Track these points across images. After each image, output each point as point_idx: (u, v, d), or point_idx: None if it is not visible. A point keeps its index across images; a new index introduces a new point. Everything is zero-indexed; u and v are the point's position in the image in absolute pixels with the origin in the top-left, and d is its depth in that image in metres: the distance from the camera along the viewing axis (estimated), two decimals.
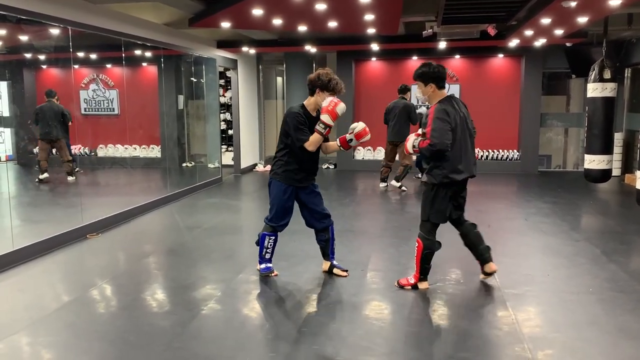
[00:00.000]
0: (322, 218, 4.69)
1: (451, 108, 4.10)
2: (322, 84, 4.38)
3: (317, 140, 4.35)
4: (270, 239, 4.63)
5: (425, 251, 4.28)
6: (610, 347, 3.38)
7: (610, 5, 5.95)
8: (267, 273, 4.74)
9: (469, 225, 4.42)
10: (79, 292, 4.47)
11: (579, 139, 11.65)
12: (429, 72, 4.15)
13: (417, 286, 4.39)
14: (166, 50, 8.76)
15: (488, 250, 4.44)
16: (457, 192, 4.25)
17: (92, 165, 10.87)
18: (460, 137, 4.10)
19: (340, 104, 4.26)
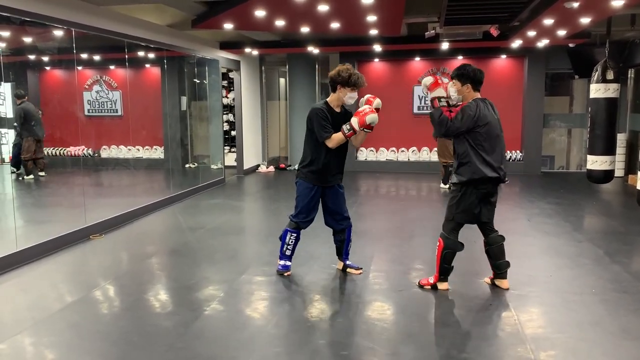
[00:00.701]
0: (342, 220, 4.74)
1: (483, 106, 4.18)
2: (343, 80, 4.43)
3: (339, 139, 4.42)
4: (292, 235, 4.70)
5: (445, 250, 4.27)
6: (614, 347, 3.38)
7: (613, 5, 5.94)
8: (283, 271, 4.79)
9: (497, 237, 4.36)
10: (82, 292, 4.49)
11: (582, 139, 11.62)
12: (468, 73, 4.23)
13: (436, 286, 4.39)
14: (169, 51, 8.78)
15: (507, 266, 4.39)
16: (486, 195, 4.22)
17: (96, 167, 10.89)
18: (492, 137, 4.13)
19: (371, 114, 4.32)
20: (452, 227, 4.28)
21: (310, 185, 4.59)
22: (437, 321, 3.91)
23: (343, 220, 4.75)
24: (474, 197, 4.18)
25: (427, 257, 5.34)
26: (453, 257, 4.31)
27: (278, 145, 13.45)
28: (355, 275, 4.80)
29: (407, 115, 11.63)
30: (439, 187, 9.62)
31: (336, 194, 4.68)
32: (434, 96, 4.30)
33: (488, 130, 4.12)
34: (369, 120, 4.31)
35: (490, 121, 4.13)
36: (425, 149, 11.82)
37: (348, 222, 4.78)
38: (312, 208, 4.66)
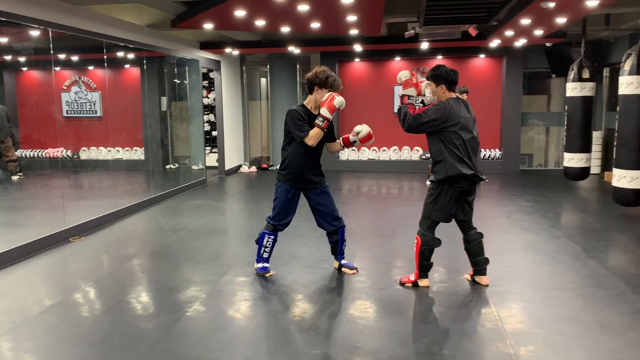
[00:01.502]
0: (332, 220, 4.73)
1: (455, 105, 4.21)
2: (320, 82, 4.47)
3: (316, 134, 4.41)
4: (269, 237, 4.71)
5: (423, 247, 4.32)
6: (591, 341, 3.44)
7: (588, 5, 6.05)
8: (262, 273, 4.78)
9: (475, 234, 4.41)
10: (61, 295, 4.44)
11: (560, 137, 11.80)
12: (441, 73, 4.29)
13: (417, 284, 4.43)
14: (149, 51, 8.72)
15: (486, 263, 4.44)
16: (463, 193, 4.26)
17: (75, 168, 10.77)
18: (465, 137, 4.17)
19: (337, 97, 4.37)
20: (429, 224, 4.33)
21: (288, 188, 4.61)
22: (418, 318, 3.95)
23: (334, 220, 4.74)
24: (450, 196, 4.22)
25: (409, 255, 5.38)
26: (431, 254, 4.36)
27: (260, 146, 13.43)
28: (348, 274, 4.81)
29: (387, 115, 11.70)
30: (426, 183, 9.72)
31: (322, 195, 4.68)
32: (404, 94, 4.37)
33: (461, 129, 4.16)
34: (337, 103, 4.35)
35: (462, 121, 4.17)
36: (406, 148, 11.90)
37: (340, 223, 4.78)
38: (290, 211, 4.67)
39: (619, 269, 4.93)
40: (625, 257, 5.56)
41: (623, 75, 5.89)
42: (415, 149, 11.84)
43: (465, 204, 4.34)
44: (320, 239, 5.92)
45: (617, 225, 6.64)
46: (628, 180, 6.06)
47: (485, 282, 4.44)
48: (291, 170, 4.58)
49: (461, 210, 4.34)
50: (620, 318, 3.78)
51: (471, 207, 4.39)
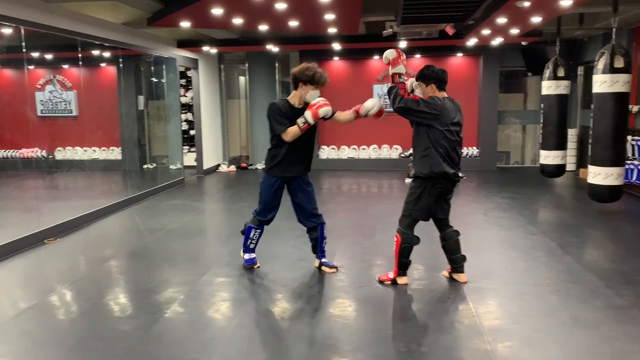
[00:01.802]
0: (311, 217, 4.76)
1: (450, 105, 4.22)
2: (307, 78, 4.52)
3: (294, 132, 4.46)
4: (256, 231, 4.81)
5: (403, 245, 4.34)
6: (566, 336, 3.50)
7: (562, 5, 6.14)
8: (250, 265, 4.86)
9: (452, 232, 4.46)
10: (37, 298, 4.36)
11: (536, 135, 11.97)
12: (429, 73, 4.28)
13: (396, 281, 4.45)
14: (125, 50, 8.61)
15: (463, 260, 4.49)
16: (443, 193, 4.29)
17: (50, 169, 10.60)
18: (452, 137, 4.17)
19: (325, 107, 4.42)
20: (409, 222, 4.36)
21: (272, 179, 4.65)
22: (396, 316, 3.97)
23: (312, 217, 4.76)
24: (430, 194, 4.24)
25: (388, 253, 5.40)
26: (410, 252, 4.38)
27: (239, 145, 13.35)
28: (328, 273, 4.82)
29: None
30: (405, 181, 9.80)
31: (302, 190, 4.72)
32: (395, 72, 4.37)
33: (449, 130, 4.15)
34: (322, 113, 4.41)
35: (453, 122, 4.17)
36: (386, 147, 11.95)
37: (319, 220, 4.80)
38: (275, 205, 4.74)
39: (593, 265, 5.02)
40: (600, 252, 5.66)
41: (597, 74, 6.00)
42: (395, 147, 11.89)
43: (444, 202, 4.37)
44: (299, 238, 5.91)
45: (592, 221, 6.76)
46: (603, 177, 6.17)
47: (463, 279, 4.49)
48: (275, 162, 4.63)
49: (440, 209, 4.37)
50: (594, 313, 3.85)
51: (449, 205, 4.43)
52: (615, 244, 5.80)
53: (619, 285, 4.39)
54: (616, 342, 3.40)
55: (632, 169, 8.04)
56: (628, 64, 5.88)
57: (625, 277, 4.58)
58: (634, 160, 8.05)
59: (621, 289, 4.29)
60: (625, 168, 7.02)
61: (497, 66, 11.33)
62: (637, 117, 8.33)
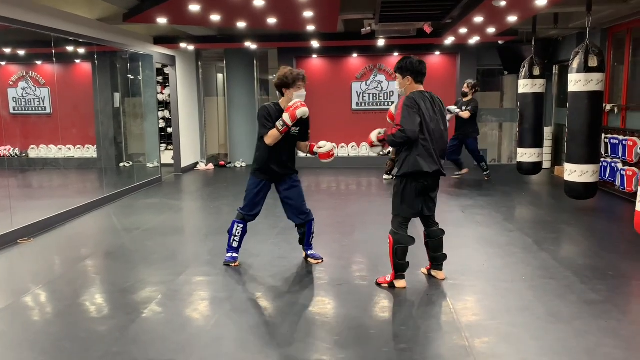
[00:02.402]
0: (299, 214, 4.87)
1: (422, 100, 4.12)
2: (284, 84, 4.68)
3: (273, 134, 4.57)
4: (238, 226, 4.91)
5: (395, 246, 4.23)
6: (542, 331, 3.55)
7: (537, 5, 6.22)
8: (229, 262, 4.93)
9: (437, 230, 4.43)
10: (10, 299, 4.26)
11: (512, 133, 12.12)
12: (406, 65, 4.21)
13: (393, 284, 4.33)
14: (100, 46, 8.47)
15: (444, 259, 4.50)
16: (427, 188, 4.24)
17: (23, 167, 10.38)
18: (430, 130, 4.10)
19: (302, 108, 4.50)
20: (400, 222, 4.28)
21: (257, 181, 4.82)
22: (375, 313, 3.98)
23: (301, 214, 4.87)
24: (413, 190, 4.19)
25: (367, 251, 5.42)
26: (405, 253, 4.28)
27: (217, 142, 13.26)
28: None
29: (346, 112, 11.74)
30: (383, 178, 9.84)
31: (291, 189, 4.84)
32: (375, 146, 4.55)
33: (424, 123, 4.08)
34: (299, 113, 4.50)
35: (426, 116, 4.09)
36: (365, 145, 11.97)
37: (307, 217, 4.91)
38: (258, 203, 4.87)
39: (568, 261, 5.10)
40: (575, 248, 5.76)
41: (571, 73, 6.10)
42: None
43: (429, 199, 4.32)
44: (278, 236, 5.90)
45: (567, 218, 6.87)
46: (578, 175, 6.29)
47: (441, 276, 4.51)
48: (261, 164, 4.77)
49: (425, 206, 4.32)
50: (569, 308, 3.91)
51: (434, 202, 4.39)
52: (589, 240, 5.90)
53: (594, 280, 4.46)
54: (591, 336, 3.46)
55: (605, 167, 8.19)
56: (602, 63, 6.00)
57: (599, 273, 4.66)
58: (608, 157, 8.20)
59: (595, 284, 4.36)
60: (600, 165, 7.15)
61: (474, 65, 11.43)
62: (611, 115, 8.49)
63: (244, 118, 12.44)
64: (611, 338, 3.43)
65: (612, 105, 8.39)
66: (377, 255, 5.15)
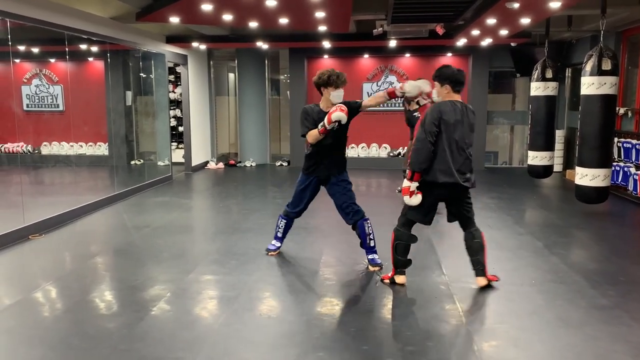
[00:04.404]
0: (347, 214, 4.88)
1: (449, 110, 4.05)
2: (323, 82, 4.75)
3: (313, 135, 4.70)
4: (282, 220, 5.18)
5: (396, 242, 4.29)
6: (551, 336, 3.52)
7: (551, 7, 6.18)
8: (267, 251, 5.23)
9: (469, 233, 4.33)
10: (20, 294, 4.30)
11: (524, 136, 12.04)
12: (446, 73, 4.15)
13: (393, 280, 4.39)
14: (113, 44, 8.52)
15: (477, 264, 4.34)
16: (444, 199, 4.20)
17: (35, 164, 10.47)
18: (452, 141, 4.05)
19: (337, 112, 4.53)
20: (404, 221, 4.31)
21: (304, 178, 4.97)
22: (383, 315, 3.97)
23: (349, 214, 4.85)
24: (428, 200, 4.14)
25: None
26: (406, 250, 4.31)
27: (228, 142, 13.30)
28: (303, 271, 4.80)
29: None
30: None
31: (335, 187, 4.90)
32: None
33: (446, 131, 4.03)
34: (334, 117, 4.55)
35: (449, 122, 4.02)
36: (375, 146, 11.95)
37: (356, 216, 4.84)
38: (303, 199, 5.01)
39: (578, 265, 5.06)
40: (585, 253, 5.71)
41: (585, 76, 6.05)
42: (384, 146, 11.90)
43: (455, 209, 4.27)
44: (288, 237, 5.89)
45: (578, 222, 6.81)
46: (590, 178, 6.24)
47: (481, 283, 4.33)
48: (308, 162, 4.92)
49: (453, 214, 4.29)
50: (579, 313, 3.88)
51: (461, 212, 4.29)
52: (600, 245, 5.84)
53: (604, 285, 4.42)
54: (600, 342, 3.43)
55: (617, 171, 8.11)
56: (615, 66, 5.94)
57: (610, 278, 4.62)
58: (620, 161, 8.12)
59: (606, 290, 4.32)
60: (612, 170, 7.09)
61: (486, 67, 11.38)
62: (624, 119, 8.41)
63: (255, 118, 12.47)
64: (621, 344, 3.39)
65: (626, 109, 8.31)
66: (384, 255, 5.14)
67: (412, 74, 11.77)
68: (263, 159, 12.63)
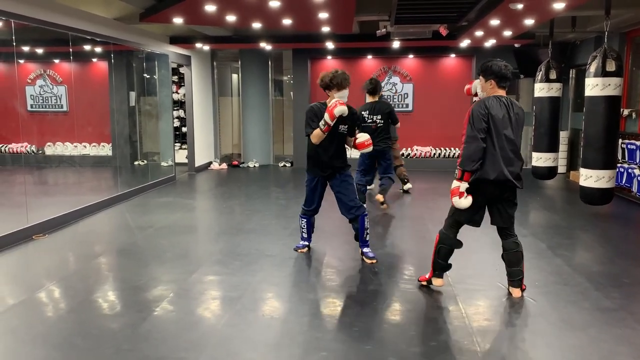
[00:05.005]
0: (350, 209, 4.98)
1: (495, 105, 3.90)
2: (326, 85, 4.86)
3: (317, 134, 4.78)
4: (302, 220, 5.31)
5: (439, 245, 4.19)
6: (555, 338, 3.51)
7: (555, 8, 6.16)
8: (296, 249, 5.37)
9: (511, 243, 4.16)
10: (24, 294, 4.31)
11: (528, 137, 12.00)
12: (492, 68, 3.98)
13: (431, 281, 4.33)
14: (116, 45, 8.54)
15: (517, 275, 4.16)
16: (494, 198, 4.04)
17: (39, 164, 10.50)
18: (501, 137, 3.89)
19: (339, 106, 4.61)
20: (450, 223, 4.19)
21: (311, 177, 5.09)
22: (387, 316, 3.96)
23: (351, 209, 4.97)
24: (477, 199, 3.99)
25: (378, 253, 5.40)
26: (449, 254, 4.21)
27: (231, 142, 13.31)
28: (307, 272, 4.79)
29: None
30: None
31: (341, 183, 4.99)
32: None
33: (495, 127, 3.87)
34: (337, 112, 4.62)
35: (497, 118, 3.87)
36: None
37: (359, 211, 4.97)
38: (314, 199, 5.12)
39: (582, 267, 5.04)
40: (589, 255, 5.69)
41: (589, 77, 6.02)
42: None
43: (500, 210, 4.09)
44: (290, 237, 5.90)
45: (582, 223, 6.79)
46: (594, 180, 6.20)
47: (516, 294, 4.17)
48: (311, 161, 5.03)
49: (498, 216, 4.11)
50: (582, 315, 3.86)
51: (507, 213, 4.11)
52: (604, 247, 5.82)
53: (608, 287, 4.41)
54: (604, 344, 3.41)
55: (621, 172, 8.09)
56: (620, 67, 5.91)
57: (614, 280, 4.60)
58: (624, 163, 8.10)
59: (610, 292, 4.31)
60: (616, 171, 7.06)
61: None
62: (628, 120, 8.38)
63: (258, 118, 12.48)
64: (625, 346, 3.38)
65: (630, 110, 8.28)
66: (388, 258, 5.14)
67: (415, 75, 11.76)
68: (266, 159, 12.64)
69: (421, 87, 11.69)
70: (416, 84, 11.71)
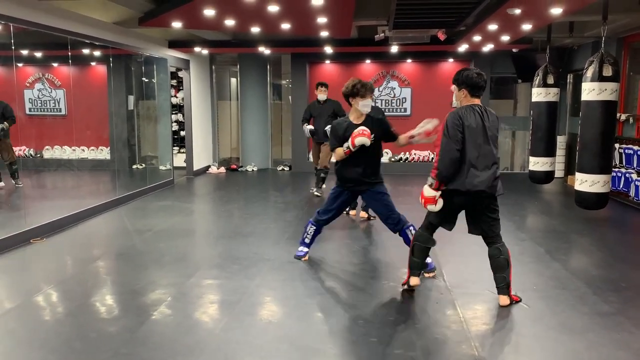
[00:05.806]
0: (389, 224, 4.91)
1: (469, 115, 3.90)
2: (350, 93, 4.88)
3: (338, 153, 4.86)
4: (312, 226, 5.19)
5: (414, 242, 4.27)
6: (553, 342, 3.51)
7: (552, 13, 6.19)
8: (298, 257, 5.21)
9: (494, 249, 4.10)
10: (21, 298, 4.30)
11: (525, 141, 12.03)
12: (463, 77, 3.98)
13: (408, 283, 4.34)
14: (115, 49, 8.55)
15: (501, 281, 4.08)
16: (465, 206, 4.06)
17: (37, 168, 10.49)
18: (475, 144, 3.89)
19: (360, 137, 4.67)
20: (426, 224, 4.24)
21: (336, 189, 5.03)
22: (384, 320, 3.96)
23: (391, 224, 4.88)
24: (448, 206, 4.02)
25: (376, 257, 5.42)
26: (423, 252, 4.26)
27: (229, 146, 13.32)
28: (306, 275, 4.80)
29: None
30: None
31: (374, 200, 4.95)
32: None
33: (470, 137, 3.87)
34: (357, 142, 4.68)
35: (471, 127, 3.87)
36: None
37: (398, 226, 4.86)
38: (332, 209, 5.05)
39: (580, 271, 5.05)
40: (587, 259, 5.70)
41: (585, 82, 6.04)
42: (385, 151, 11.90)
43: (482, 217, 4.06)
44: (288, 241, 5.90)
45: (580, 228, 6.80)
46: (590, 184, 6.21)
47: (502, 302, 4.08)
48: (339, 174, 4.97)
49: (477, 224, 4.10)
50: (581, 319, 3.87)
51: (489, 222, 4.08)
52: (602, 251, 5.83)
53: (606, 292, 4.42)
54: (603, 348, 3.42)
55: (619, 177, 8.11)
56: (616, 72, 5.93)
57: (612, 284, 4.61)
58: (622, 168, 8.12)
59: (608, 296, 4.32)
60: (612, 176, 7.08)
61: (487, 72, 11.36)
62: (625, 125, 8.41)
63: (257, 122, 12.49)
64: (624, 351, 3.38)
65: (627, 115, 8.31)
66: (385, 261, 5.14)
67: (413, 80, 11.79)
68: (264, 163, 12.65)
69: (419, 91, 11.71)
70: (414, 89, 11.73)
